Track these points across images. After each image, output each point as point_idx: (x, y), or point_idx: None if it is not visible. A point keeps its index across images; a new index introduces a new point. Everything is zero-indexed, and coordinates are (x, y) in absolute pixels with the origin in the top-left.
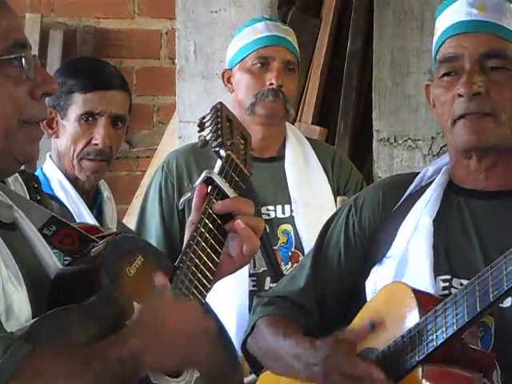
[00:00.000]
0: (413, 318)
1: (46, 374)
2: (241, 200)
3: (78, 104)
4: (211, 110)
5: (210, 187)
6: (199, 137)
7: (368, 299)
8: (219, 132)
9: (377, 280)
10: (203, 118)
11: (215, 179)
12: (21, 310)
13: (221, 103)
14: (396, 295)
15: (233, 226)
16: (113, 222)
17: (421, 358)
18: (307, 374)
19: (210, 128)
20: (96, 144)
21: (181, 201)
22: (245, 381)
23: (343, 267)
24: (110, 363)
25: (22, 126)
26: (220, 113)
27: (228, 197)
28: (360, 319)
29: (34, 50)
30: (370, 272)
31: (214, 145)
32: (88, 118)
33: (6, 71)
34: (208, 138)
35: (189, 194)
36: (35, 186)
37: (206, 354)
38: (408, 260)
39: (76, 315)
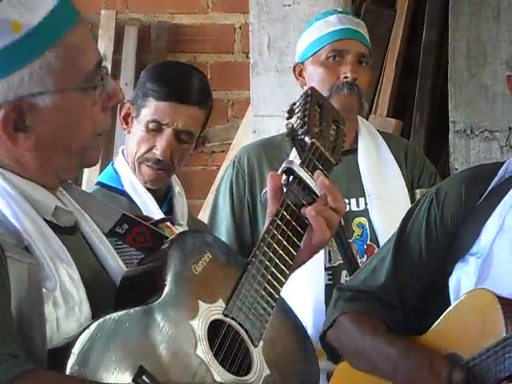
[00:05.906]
0: (499, 330)
1: None
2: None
3: (149, 109)
4: (301, 96)
5: (290, 178)
6: (287, 124)
7: (451, 296)
8: (306, 119)
9: (460, 278)
10: (293, 104)
11: (295, 169)
12: (81, 311)
13: (312, 88)
14: (481, 304)
15: (305, 213)
16: (184, 218)
17: (506, 375)
18: (398, 379)
19: (298, 115)
20: (155, 153)
21: (262, 192)
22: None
23: (425, 261)
24: None
25: (95, 138)
26: (310, 98)
27: (310, 187)
28: (444, 326)
29: (110, 46)
30: (453, 268)
31: (299, 132)
32: (154, 126)
33: (90, 93)
34: (295, 125)
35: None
36: None
37: None
38: (493, 260)
39: (135, 316)
